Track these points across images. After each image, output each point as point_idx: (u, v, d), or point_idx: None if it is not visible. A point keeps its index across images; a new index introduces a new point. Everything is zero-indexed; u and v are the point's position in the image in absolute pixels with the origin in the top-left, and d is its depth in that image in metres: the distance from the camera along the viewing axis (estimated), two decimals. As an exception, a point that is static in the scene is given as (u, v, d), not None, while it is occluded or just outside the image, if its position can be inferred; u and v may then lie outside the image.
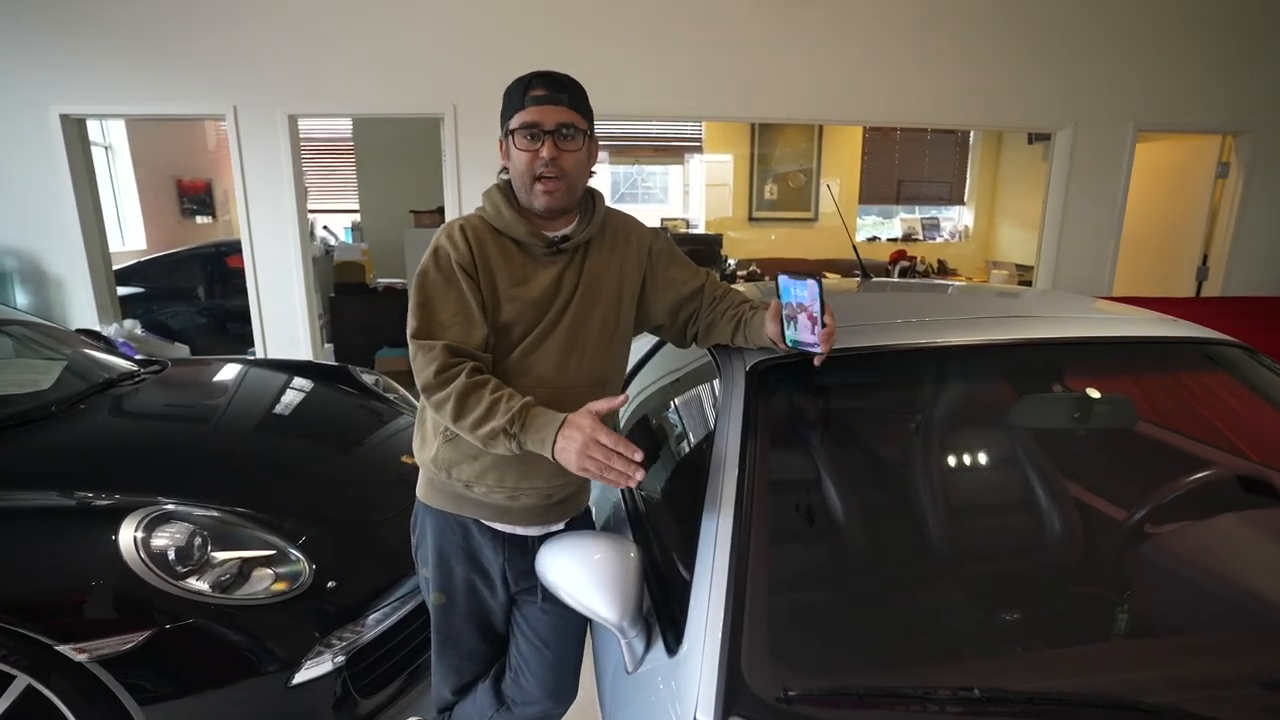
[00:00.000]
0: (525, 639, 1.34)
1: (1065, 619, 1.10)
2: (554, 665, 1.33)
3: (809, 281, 1.09)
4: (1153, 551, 1.22)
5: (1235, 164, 4.66)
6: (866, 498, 1.23)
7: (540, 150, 1.13)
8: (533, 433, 1.04)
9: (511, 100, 1.16)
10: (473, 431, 1.07)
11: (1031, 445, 1.32)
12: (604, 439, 0.99)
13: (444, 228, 1.20)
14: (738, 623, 0.93)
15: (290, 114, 3.85)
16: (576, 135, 1.15)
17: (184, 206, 6.85)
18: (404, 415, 2.48)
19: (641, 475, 0.98)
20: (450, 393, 1.07)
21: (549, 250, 1.19)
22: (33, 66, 3.66)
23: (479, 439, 1.08)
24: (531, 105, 1.13)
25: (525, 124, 1.13)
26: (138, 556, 1.46)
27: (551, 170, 1.14)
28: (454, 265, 1.14)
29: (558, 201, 1.16)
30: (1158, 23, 4.29)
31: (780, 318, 1.15)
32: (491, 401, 1.06)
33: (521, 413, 1.04)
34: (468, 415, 1.06)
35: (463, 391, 1.07)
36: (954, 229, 7.07)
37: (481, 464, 1.19)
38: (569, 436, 1.00)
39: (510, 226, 1.17)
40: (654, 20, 3.97)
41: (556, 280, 1.19)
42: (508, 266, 1.17)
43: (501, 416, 1.04)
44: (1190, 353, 1.44)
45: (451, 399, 1.07)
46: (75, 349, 2.52)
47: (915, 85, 4.22)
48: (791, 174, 6.55)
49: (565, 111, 1.14)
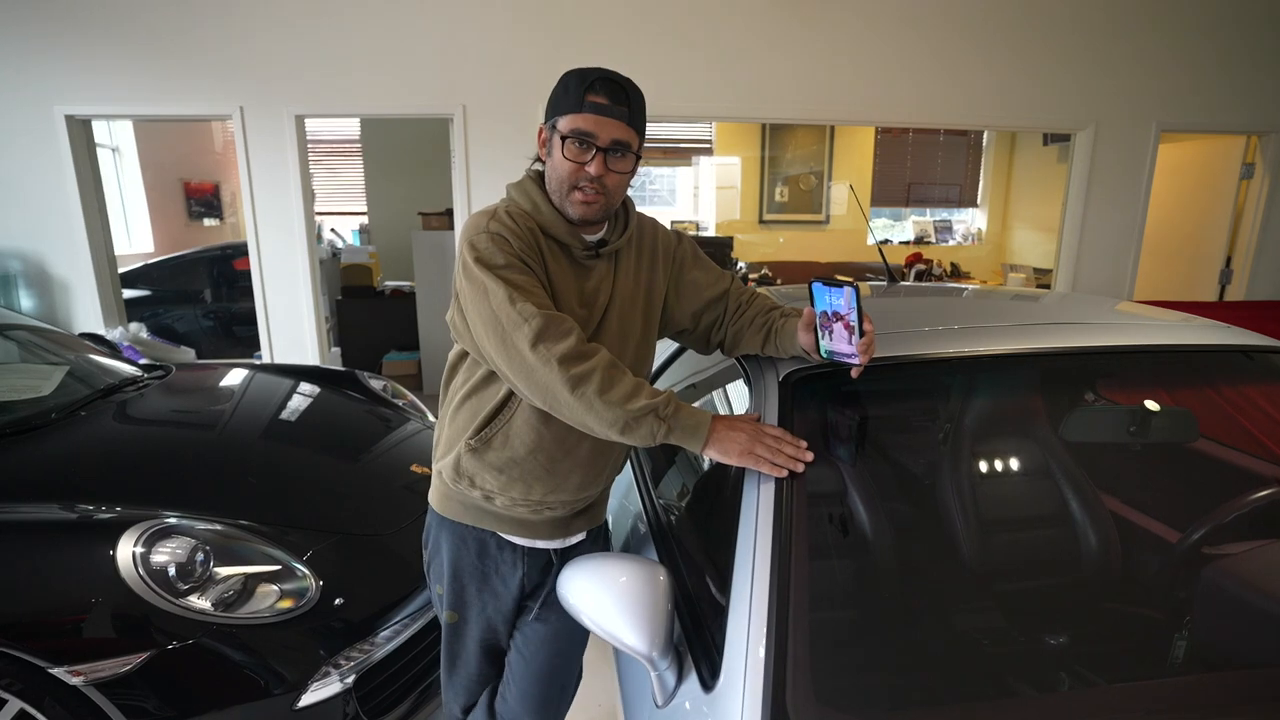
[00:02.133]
0: (516, 650, 1.28)
1: (1129, 650, 1.02)
2: (539, 679, 1.26)
3: (845, 289, 1.01)
4: (1217, 575, 1.14)
5: (1260, 164, 4.55)
6: (915, 516, 1.15)
7: (588, 165, 1.05)
8: (684, 419, 1.00)
9: (568, 95, 1.05)
10: (622, 406, 0.97)
11: (1095, 461, 1.25)
12: (771, 429, 1.03)
13: (481, 214, 1.08)
14: (781, 654, 0.86)
15: (297, 114, 3.80)
16: (628, 155, 1.08)
17: (191, 209, 6.82)
18: (412, 421, 2.42)
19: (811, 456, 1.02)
20: (596, 365, 0.98)
21: (588, 254, 1.12)
22: (36, 67, 3.62)
23: (620, 416, 0.97)
24: (590, 112, 1.03)
25: (578, 131, 1.04)
26: (136, 574, 1.39)
27: (594, 186, 1.06)
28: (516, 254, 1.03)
29: (593, 214, 1.09)
30: (1180, 21, 4.20)
31: (814, 327, 1.08)
32: (636, 383, 1.01)
33: (670, 399, 1.01)
34: (616, 388, 0.98)
35: (608, 365, 1.00)
36: (967, 231, 6.97)
37: (508, 476, 1.12)
38: (733, 431, 1.01)
39: (551, 224, 1.09)
40: (665, 21, 3.90)
41: (595, 288, 1.13)
42: (556, 264, 1.10)
43: (652, 397, 0.99)
44: (1243, 360, 1.36)
45: (598, 372, 0.98)
46: (78, 354, 2.47)
47: (933, 85, 4.14)
48: (802, 176, 6.47)
49: (623, 128, 1.05)
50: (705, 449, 1.01)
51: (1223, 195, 4.74)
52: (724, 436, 1.01)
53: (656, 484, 1.59)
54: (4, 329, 2.51)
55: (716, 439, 1.00)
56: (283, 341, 4.06)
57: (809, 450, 1.02)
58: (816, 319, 1.07)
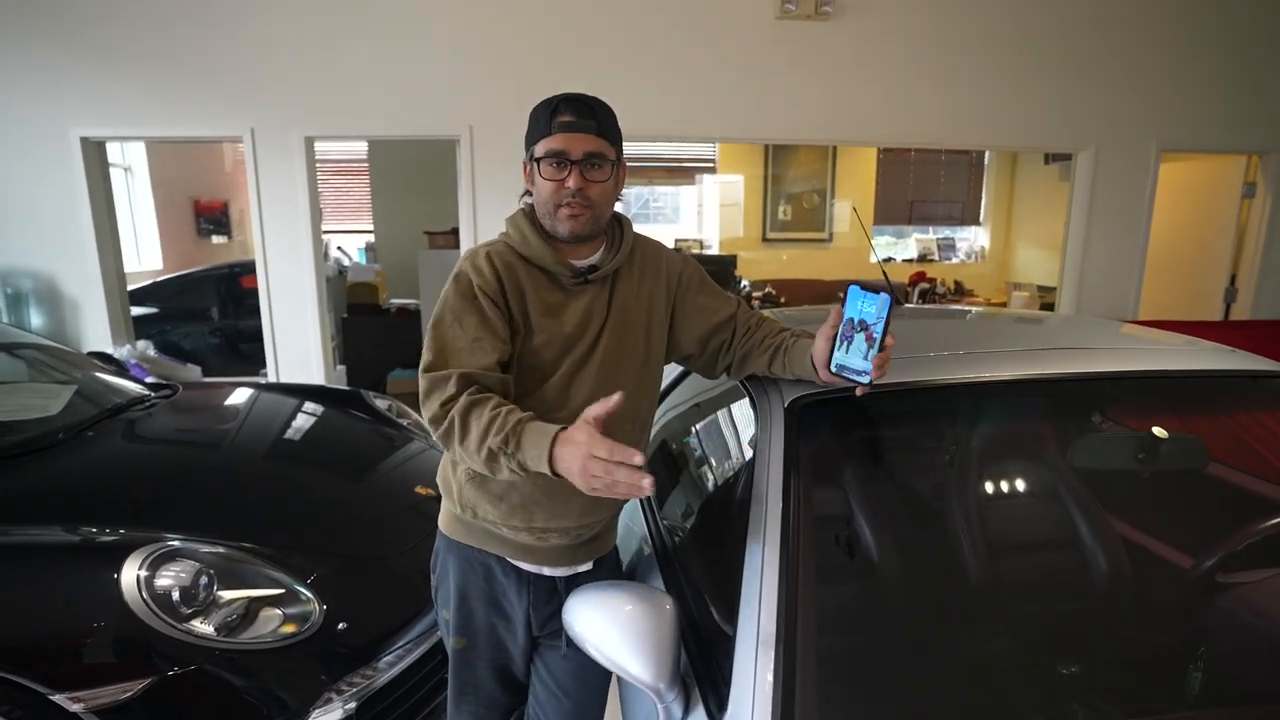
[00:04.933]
0: (544, 687, 1.26)
1: (1143, 681, 1.00)
2: (572, 716, 1.25)
3: (882, 296, 0.99)
4: (1231, 604, 1.12)
5: (1262, 184, 4.57)
6: (923, 544, 1.14)
7: (566, 180, 1.07)
8: (529, 449, 0.92)
9: (537, 124, 1.10)
10: (476, 456, 0.95)
11: (1104, 486, 1.23)
12: (600, 451, 0.86)
13: (468, 254, 1.13)
14: (789, 685, 0.85)
15: (307, 136, 3.85)
16: (604, 164, 1.10)
17: (200, 226, 6.89)
18: (416, 441, 2.42)
19: (650, 481, 0.85)
20: (451, 418, 0.97)
21: (576, 280, 1.13)
22: (55, 91, 3.68)
23: (481, 466, 0.97)
24: (559, 132, 1.07)
25: (551, 152, 1.07)
26: (140, 597, 1.39)
27: (577, 199, 1.08)
28: (476, 290, 1.08)
29: (582, 227, 1.10)
30: (1178, 42, 4.24)
31: (834, 334, 1.05)
32: (489, 420, 0.94)
33: (516, 429, 0.93)
34: (468, 438, 0.95)
35: (463, 412, 0.97)
36: (970, 249, 6.98)
37: (508, 504, 1.12)
38: (568, 455, 0.88)
39: (537, 254, 1.11)
40: (669, 42, 3.95)
41: (587, 311, 1.13)
42: (538, 295, 1.11)
43: (495, 435, 0.93)
44: (1250, 386, 1.35)
45: (454, 425, 0.97)
46: (86, 372, 2.48)
47: (934, 107, 4.18)
48: (805, 194, 6.51)
49: (593, 140, 1.08)
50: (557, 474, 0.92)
51: (1225, 214, 4.74)
52: (566, 468, 0.89)
53: (661, 507, 1.58)
54: (13, 347, 2.53)
55: (561, 470, 0.90)
56: (288, 359, 4.07)
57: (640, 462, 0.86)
58: (840, 327, 1.05)
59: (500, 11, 3.82)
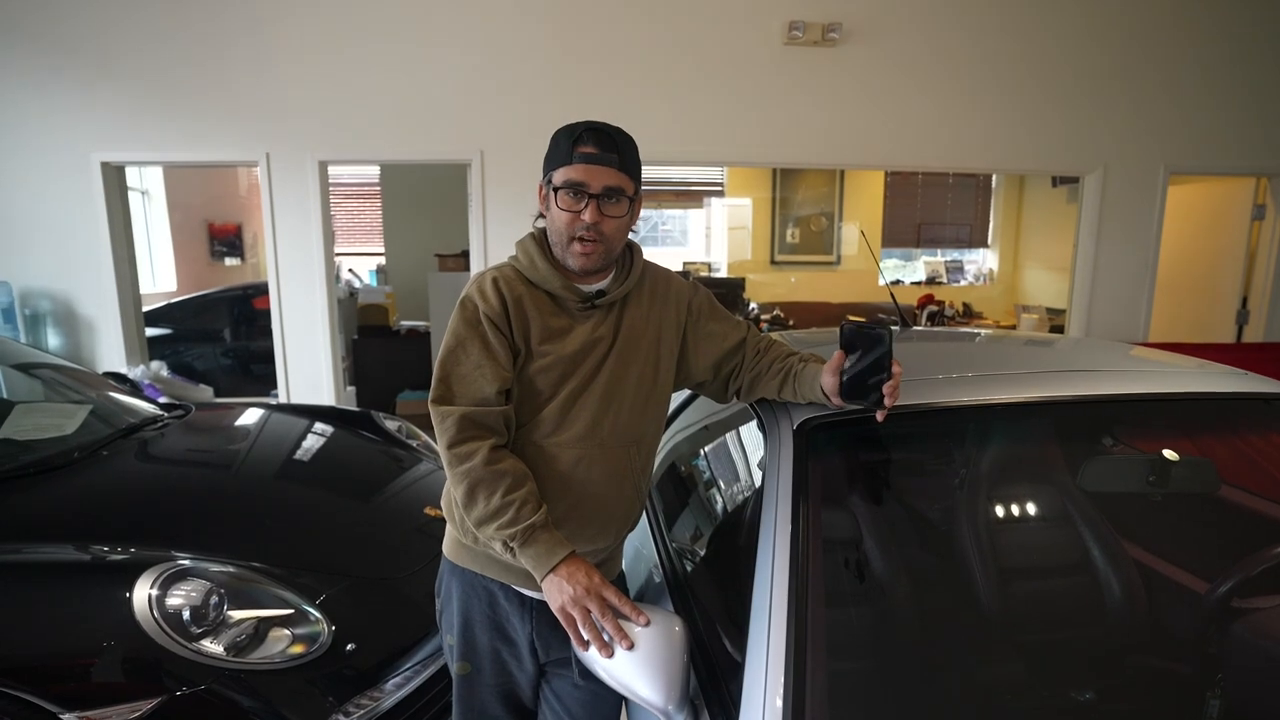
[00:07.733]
0: (554, 715, 1.24)
1: (1159, 709, 0.99)
2: None
3: (880, 331, 1.02)
4: (1248, 631, 1.10)
5: (1271, 206, 4.56)
6: (933, 567, 1.13)
7: (582, 213, 1.08)
8: (530, 556, 1.03)
9: (558, 151, 1.10)
10: (477, 526, 1.06)
11: (1116, 509, 1.23)
12: (611, 596, 0.99)
13: (475, 278, 1.15)
14: (799, 709, 0.84)
15: (321, 160, 3.93)
16: (622, 200, 1.10)
17: (214, 249, 7.00)
18: (425, 462, 2.43)
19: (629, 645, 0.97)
20: (464, 476, 1.05)
21: (584, 305, 1.14)
22: (77, 117, 3.78)
23: (479, 532, 1.07)
24: (579, 162, 1.07)
25: (570, 182, 1.07)
26: (151, 617, 1.39)
27: (591, 234, 1.08)
28: (480, 316, 1.09)
29: (593, 264, 1.11)
30: (1185, 65, 4.27)
31: (840, 370, 1.07)
32: (501, 505, 1.03)
33: (526, 533, 1.02)
34: (475, 507, 1.05)
35: (475, 482, 1.05)
36: (978, 272, 6.99)
37: None
38: (572, 577, 1.00)
39: (544, 279, 1.13)
40: (679, 68, 4.02)
41: (592, 336, 1.13)
42: (542, 319, 1.12)
43: (507, 528, 1.03)
44: (1263, 408, 1.34)
45: (464, 486, 1.05)
46: (101, 392, 2.51)
47: (940, 131, 4.22)
48: (813, 217, 6.55)
49: (614, 174, 1.08)
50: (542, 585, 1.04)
51: (1235, 236, 4.73)
52: (558, 585, 1.01)
53: (670, 529, 1.58)
54: (31, 367, 2.57)
55: (549, 584, 1.02)
56: (299, 380, 4.11)
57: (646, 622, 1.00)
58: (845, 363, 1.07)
59: (510, 38, 3.91)
